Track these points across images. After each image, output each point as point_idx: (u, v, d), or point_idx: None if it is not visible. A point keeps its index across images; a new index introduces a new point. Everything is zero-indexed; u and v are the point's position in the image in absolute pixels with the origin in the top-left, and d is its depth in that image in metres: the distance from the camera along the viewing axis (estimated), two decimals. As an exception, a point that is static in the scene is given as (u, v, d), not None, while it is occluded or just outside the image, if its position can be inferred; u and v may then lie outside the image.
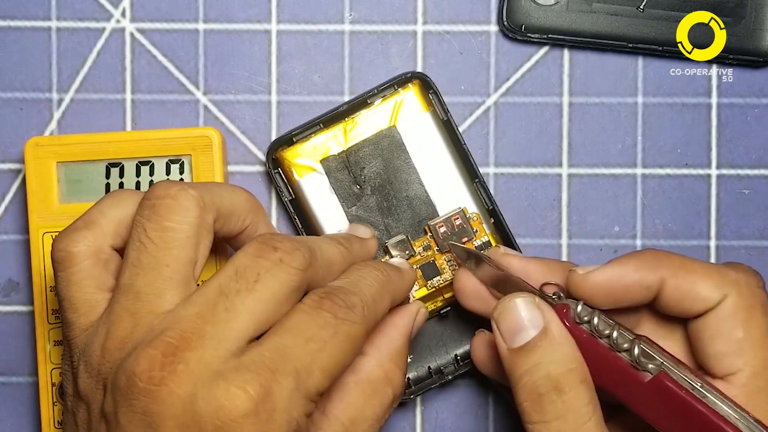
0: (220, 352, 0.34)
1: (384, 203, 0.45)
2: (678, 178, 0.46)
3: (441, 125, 0.45)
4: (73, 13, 0.46)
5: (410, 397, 0.45)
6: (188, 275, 0.36)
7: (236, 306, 0.35)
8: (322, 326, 0.35)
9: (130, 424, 0.34)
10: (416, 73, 0.45)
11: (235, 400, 0.33)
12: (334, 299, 0.36)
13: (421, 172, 0.45)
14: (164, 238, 0.36)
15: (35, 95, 0.46)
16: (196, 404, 0.33)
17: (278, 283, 0.36)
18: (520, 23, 0.45)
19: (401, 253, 0.44)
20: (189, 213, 0.37)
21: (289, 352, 0.35)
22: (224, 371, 0.34)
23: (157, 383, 0.33)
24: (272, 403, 0.34)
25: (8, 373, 0.47)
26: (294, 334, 0.35)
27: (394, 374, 0.40)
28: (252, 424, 0.33)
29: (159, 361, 0.34)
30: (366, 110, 0.45)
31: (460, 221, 0.44)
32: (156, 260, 0.36)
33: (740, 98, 0.46)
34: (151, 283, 0.36)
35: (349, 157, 0.45)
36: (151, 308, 0.36)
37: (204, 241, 0.37)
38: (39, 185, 0.44)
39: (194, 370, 0.34)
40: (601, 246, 0.46)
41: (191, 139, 0.44)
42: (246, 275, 0.35)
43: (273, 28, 0.46)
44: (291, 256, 0.36)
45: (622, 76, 0.46)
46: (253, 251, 0.36)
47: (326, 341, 0.35)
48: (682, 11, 0.45)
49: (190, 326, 0.34)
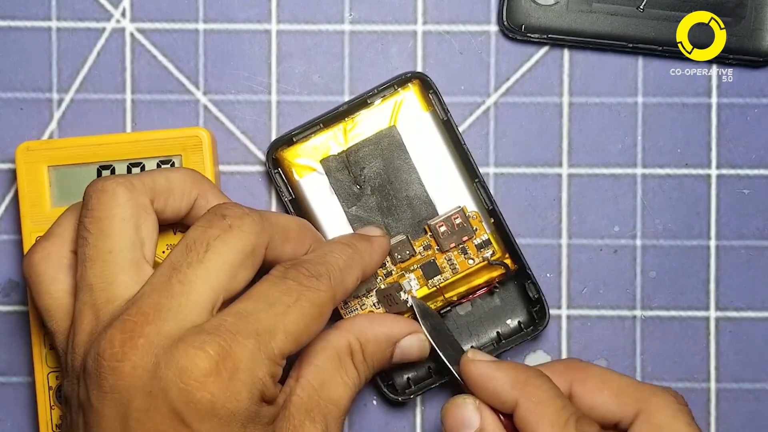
0: (180, 322, 0.35)
1: (384, 203, 0.45)
2: (678, 178, 0.46)
3: (441, 125, 0.45)
4: (73, 13, 0.46)
5: (410, 397, 0.45)
6: (136, 258, 0.37)
7: (189, 277, 0.36)
8: (285, 292, 0.36)
9: (102, 405, 0.34)
10: (416, 73, 0.45)
11: (194, 359, 0.34)
12: (299, 269, 0.37)
13: (421, 172, 0.45)
14: (100, 227, 0.37)
15: (35, 95, 0.46)
16: (159, 371, 0.34)
17: (229, 248, 0.36)
18: (520, 23, 0.45)
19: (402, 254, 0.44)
20: (117, 198, 0.37)
21: (251, 315, 0.35)
22: (185, 336, 0.34)
23: (119, 359, 0.34)
24: (233, 362, 0.34)
25: (8, 373, 0.47)
26: (256, 300, 0.36)
27: (356, 351, 0.41)
28: (213, 383, 0.34)
29: (119, 338, 0.34)
30: (366, 110, 0.45)
31: (459, 220, 0.44)
32: (97, 250, 0.37)
33: (740, 98, 0.46)
34: (100, 272, 0.37)
35: (349, 157, 0.45)
36: (107, 297, 0.36)
37: (145, 222, 0.38)
38: (31, 189, 0.44)
39: (154, 341, 0.34)
40: (601, 246, 0.46)
41: (182, 139, 0.44)
42: (196, 246, 0.36)
43: (273, 28, 0.46)
44: (240, 221, 0.37)
45: (622, 76, 0.46)
46: (202, 223, 0.37)
47: (289, 305, 0.36)
48: (682, 11, 0.45)
49: (146, 302, 0.35)
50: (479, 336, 0.46)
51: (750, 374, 0.46)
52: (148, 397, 0.34)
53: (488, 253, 0.45)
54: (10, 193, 0.47)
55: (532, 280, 0.45)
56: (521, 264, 0.45)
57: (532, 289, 0.45)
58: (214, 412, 0.34)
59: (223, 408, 0.34)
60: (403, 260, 0.44)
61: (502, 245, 0.45)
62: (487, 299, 0.46)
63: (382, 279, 0.44)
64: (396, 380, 0.45)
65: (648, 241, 0.46)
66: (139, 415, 0.34)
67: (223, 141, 0.46)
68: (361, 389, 0.41)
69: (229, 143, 0.46)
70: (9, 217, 0.46)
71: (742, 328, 0.46)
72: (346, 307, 0.44)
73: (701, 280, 0.46)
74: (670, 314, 0.46)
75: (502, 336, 0.46)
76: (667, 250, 0.46)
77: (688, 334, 0.46)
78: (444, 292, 0.45)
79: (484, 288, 0.45)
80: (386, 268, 0.44)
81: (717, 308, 0.46)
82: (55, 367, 0.44)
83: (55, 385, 0.44)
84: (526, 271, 0.45)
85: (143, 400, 0.34)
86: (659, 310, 0.46)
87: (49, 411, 0.44)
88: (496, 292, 0.46)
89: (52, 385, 0.44)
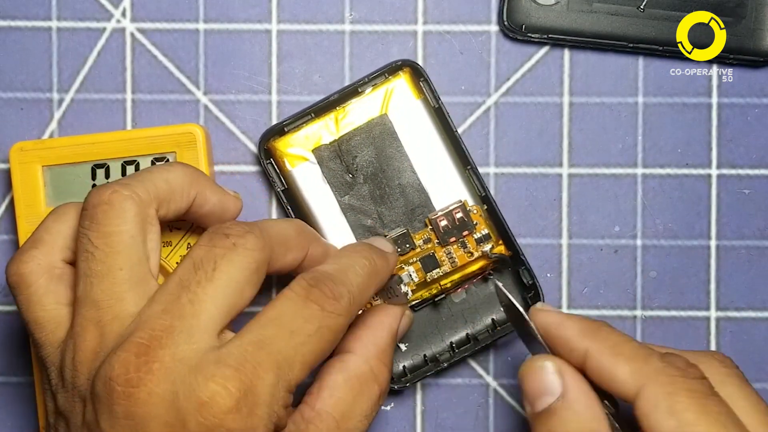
0: (194, 345, 0.34)
1: (377, 191, 0.45)
2: (678, 178, 0.46)
3: (432, 112, 0.45)
4: (74, 13, 0.46)
5: (406, 385, 0.45)
6: (143, 273, 0.37)
7: (199, 297, 0.35)
8: (308, 319, 0.36)
9: (113, 430, 0.34)
10: (407, 61, 0.45)
11: (215, 397, 0.33)
12: (323, 288, 0.37)
13: (414, 159, 0.45)
14: (109, 243, 0.36)
15: (35, 95, 0.46)
16: (178, 402, 0.33)
17: (236, 267, 0.36)
18: (520, 23, 0.45)
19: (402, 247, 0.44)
20: (127, 213, 0.37)
21: (272, 345, 0.35)
22: (203, 365, 0.34)
23: (134, 385, 0.33)
24: (254, 398, 0.34)
25: (8, 373, 0.47)
26: (278, 326, 0.35)
27: (380, 371, 0.40)
28: (234, 420, 0.33)
29: (133, 363, 0.34)
30: (357, 99, 0.45)
31: (460, 214, 0.44)
32: (107, 266, 0.36)
33: (740, 98, 0.46)
34: (108, 289, 0.36)
35: (341, 146, 0.45)
36: (114, 314, 0.36)
37: (150, 235, 0.37)
38: (25, 190, 0.44)
39: (170, 367, 0.34)
40: (601, 246, 0.46)
41: (175, 136, 0.44)
42: (203, 265, 0.36)
43: (273, 28, 0.46)
44: (243, 239, 0.36)
45: (623, 76, 0.46)
46: (206, 241, 0.36)
47: (311, 335, 0.36)
48: (682, 11, 0.45)
49: (158, 324, 0.34)
50: (474, 323, 0.46)
51: (750, 374, 0.46)
52: (164, 427, 0.33)
53: (487, 247, 0.45)
54: (10, 193, 0.47)
55: (526, 266, 0.45)
56: (515, 250, 0.45)
57: (526, 275, 0.45)
58: None
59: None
60: (403, 253, 0.44)
61: (496, 232, 0.45)
62: (481, 286, 0.46)
63: None
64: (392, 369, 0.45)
65: (648, 241, 0.46)
66: None
67: (223, 141, 0.46)
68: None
69: (229, 143, 0.46)
70: (9, 218, 0.46)
71: (743, 328, 0.46)
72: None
73: (701, 280, 0.46)
74: (670, 314, 0.46)
75: (497, 323, 0.46)
76: (667, 250, 0.46)
77: (689, 334, 0.46)
78: (439, 280, 0.45)
79: (479, 276, 0.45)
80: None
81: (717, 308, 0.46)
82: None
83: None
84: (519, 257, 0.45)
85: (159, 429, 0.33)
86: (660, 310, 0.46)
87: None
88: (491, 279, 0.46)
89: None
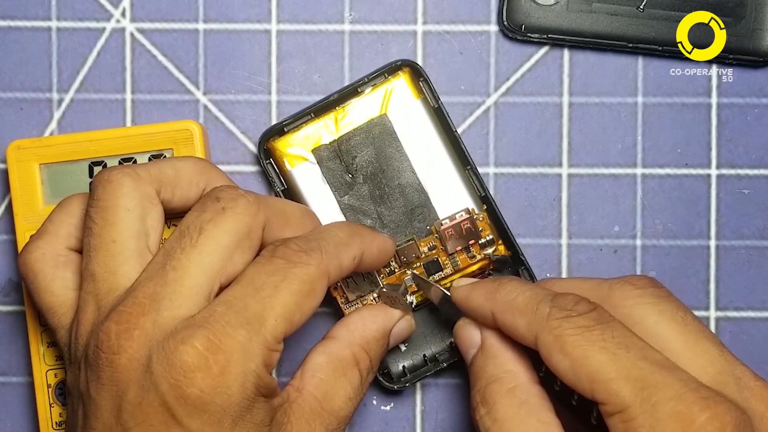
0: (176, 311, 0.34)
1: (376, 191, 0.45)
2: (678, 178, 0.46)
3: (432, 112, 0.45)
4: (73, 13, 0.46)
5: (406, 385, 0.45)
6: (140, 248, 0.37)
7: (182, 263, 0.35)
8: (272, 272, 0.35)
9: (99, 396, 0.35)
10: (406, 61, 0.45)
11: (183, 356, 0.33)
12: (288, 245, 0.36)
13: (413, 159, 0.45)
14: (104, 216, 0.37)
15: (35, 95, 0.46)
16: (151, 365, 0.34)
17: (222, 231, 0.36)
18: (520, 23, 0.45)
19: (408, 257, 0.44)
20: (122, 188, 0.37)
21: (239, 303, 0.35)
22: (177, 330, 0.34)
23: (116, 351, 0.34)
24: (225, 356, 0.34)
25: (8, 373, 0.47)
26: (244, 285, 0.35)
27: (362, 358, 0.40)
28: (203, 378, 0.33)
29: (114, 331, 0.34)
30: (356, 99, 0.45)
31: (468, 225, 0.44)
32: (101, 239, 0.37)
33: (740, 98, 0.46)
34: (103, 262, 0.37)
35: (340, 146, 0.45)
36: (109, 287, 0.36)
37: (150, 213, 0.38)
38: (23, 188, 0.44)
39: (149, 333, 0.34)
40: (601, 246, 0.46)
41: (172, 133, 0.44)
42: (189, 231, 0.36)
43: (273, 28, 0.46)
44: (234, 203, 0.36)
45: (622, 76, 0.46)
46: (197, 207, 0.37)
47: (277, 286, 0.35)
48: (682, 11, 0.45)
49: (141, 292, 0.35)
50: None
51: (750, 374, 0.46)
52: (140, 391, 0.34)
53: (490, 250, 0.45)
54: (9, 194, 0.47)
55: (525, 267, 0.45)
56: (514, 250, 0.45)
57: (526, 275, 0.45)
58: (204, 407, 0.34)
59: (212, 403, 0.34)
60: (408, 262, 0.44)
61: (495, 232, 0.45)
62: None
63: (385, 276, 0.44)
64: (391, 369, 0.45)
65: (648, 241, 0.46)
66: (132, 408, 0.34)
67: (223, 141, 0.46)
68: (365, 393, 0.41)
69: (229, 143, 0.46)
70: (9, 217, 0.46)
71: (742, 328, 0.46)
72: (348, 304, 0.44)
73: (701, 280, 0.46)
74: (670, 314, 0.46)
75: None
76: (667, 250, 0.46)
77: (689, 334, 0.46)
78: (439, 281, 0.45)
79: (479, 276, 0.45)
80: (390, 267, 0.44)
81: (717, 308, 0.46)
82: (53, 364, 0.44)
83: (54, 383, 0.44)
84: (519, 257, 0.45)
85: (136, 394, 0.34)
86: (659, 310, 0.46)
87: (49, 410, 0.44)
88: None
89: (51, 383, 0.44)
